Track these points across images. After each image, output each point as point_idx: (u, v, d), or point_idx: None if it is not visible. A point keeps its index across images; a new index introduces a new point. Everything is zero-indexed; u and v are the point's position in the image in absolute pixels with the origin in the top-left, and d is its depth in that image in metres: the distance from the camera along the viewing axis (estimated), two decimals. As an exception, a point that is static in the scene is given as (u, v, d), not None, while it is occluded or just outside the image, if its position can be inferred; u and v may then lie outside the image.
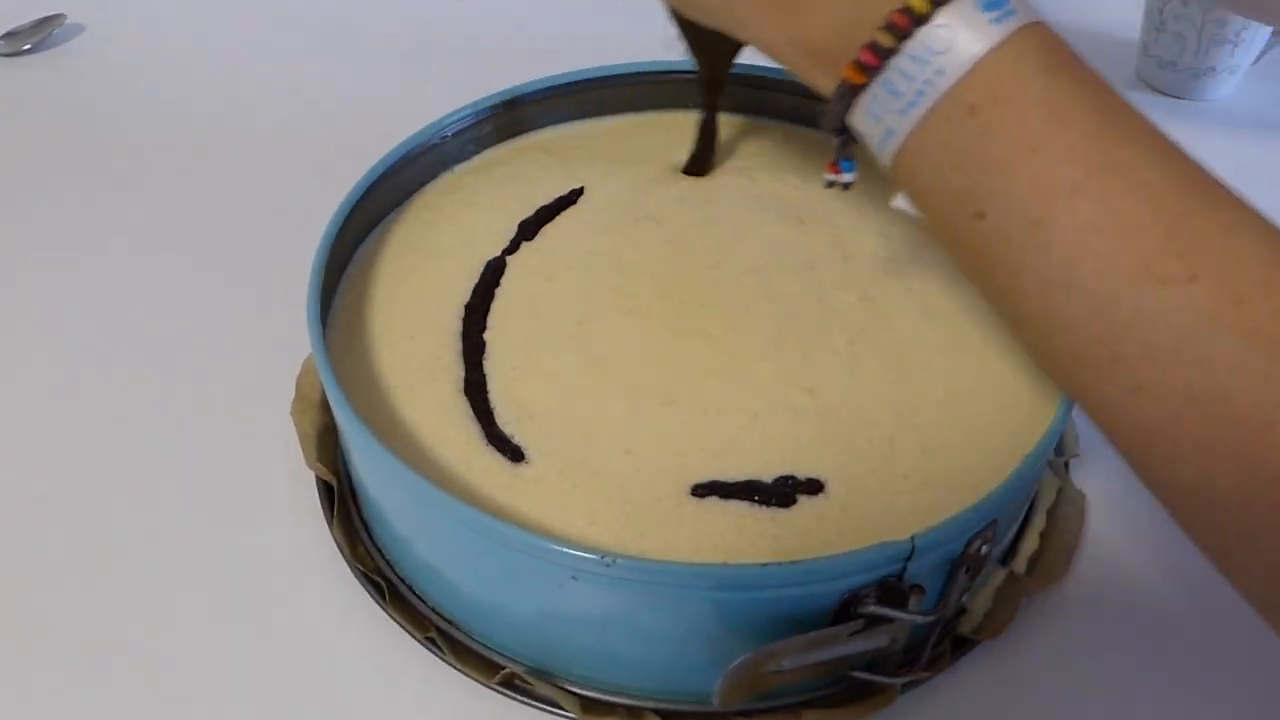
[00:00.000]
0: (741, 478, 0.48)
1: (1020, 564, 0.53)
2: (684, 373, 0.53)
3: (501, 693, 0.48)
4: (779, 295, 0.57)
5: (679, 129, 0.67)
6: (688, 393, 0.52)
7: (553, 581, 0.43)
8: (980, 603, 0.51)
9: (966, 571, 0.45)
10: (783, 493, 0.48)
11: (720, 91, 0.63)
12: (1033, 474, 0.46)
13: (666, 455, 0.49)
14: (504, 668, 0.48)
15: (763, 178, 0.65)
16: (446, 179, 0.65)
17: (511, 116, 0.67)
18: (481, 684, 0.48)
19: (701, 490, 0.48)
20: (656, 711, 0.47)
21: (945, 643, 0.49)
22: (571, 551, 0.41)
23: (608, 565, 0.41)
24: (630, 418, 0.51)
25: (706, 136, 0.65)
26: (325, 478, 0.55)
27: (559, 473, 0.48)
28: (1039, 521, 0.55)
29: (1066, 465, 0.58)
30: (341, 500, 0.55)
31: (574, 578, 0.42)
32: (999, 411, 0.52)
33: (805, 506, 0.47)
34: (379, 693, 0.49)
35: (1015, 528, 0.53)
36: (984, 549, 0.45)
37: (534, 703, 0.48)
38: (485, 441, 0.50)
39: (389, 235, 0.61)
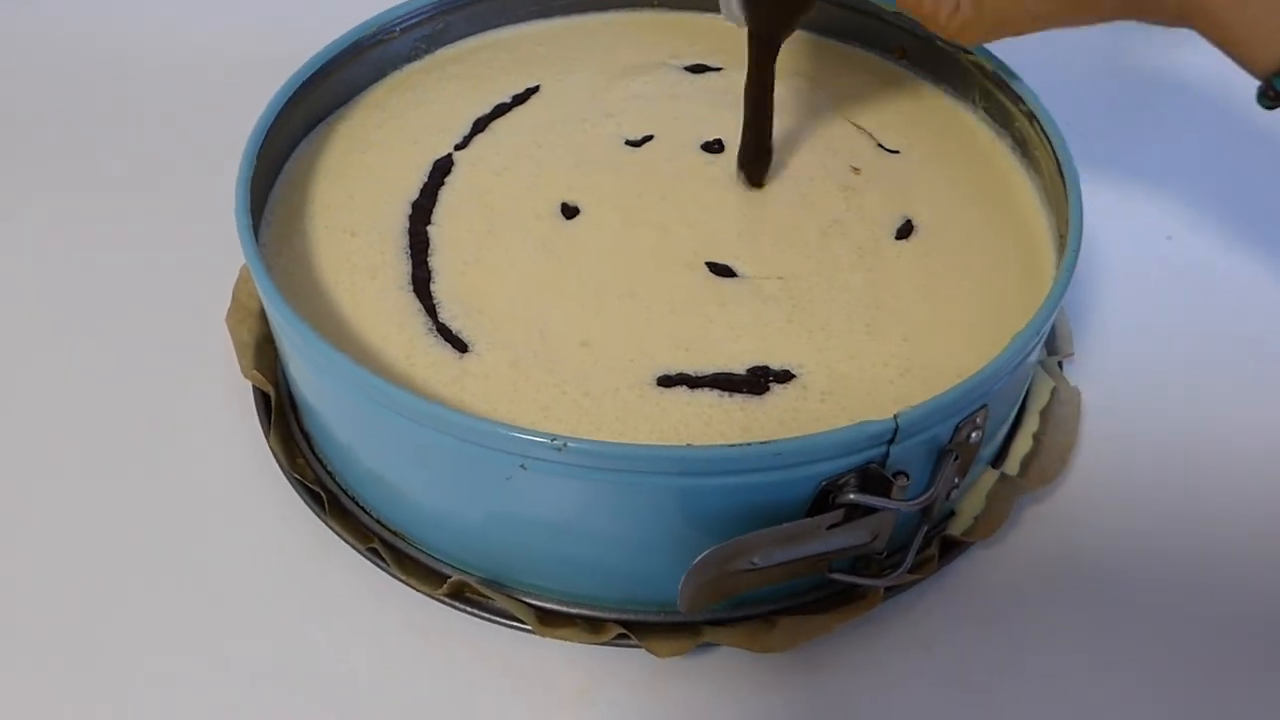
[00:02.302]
0: (710, 369, 0.44)
1: (1013, 465, 0.49)
2: (645, 264, 0.49)
3: (451, 605, 0.44)
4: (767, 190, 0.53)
5: (643, 29, 0.63)
6: (649, 284, 0.48)
7: (500, 474, 0.39)
8: (970, 504, 0.47)
9: (956, 459, 0.41)
10: (755, 382, 0.44)
11: (775, 54, 0.51)
12: (1023, 355, 0.42)
13: (626, 347, 0.45)
14: (453, 576, 0.44)
15: (734, 76, 0.60)
16: (396, 77, 0.60)
17: (466, 14, 0.62)
18: (429, 596, 0.44)
19: (667, 381, 0.44)
20: (620, 622, 0.43)
21: (933, 546, 0.46)
22: (519, 435, 0.37)
23: (558, 449, 0.37)
24: (587, 310, 0.47)
25: (760, 119, 0.52)
26: (263, 387, 0.51)
27: (510, 365, 0.44)
28: (1031, 423, 0.51)
29: (1060, 365, 0.54)
30: (280, 410, 0.50)
31: (523, 466, 0.38)
32: (987, 297, 0.48)
33: (779, 395, 0.44)
34: (320, 607, 0.45)
35: (1007, 428, 0.50)
36: (974, 436, 0.42)
37: (486, 615, 0.44)
38: (430, 335, 0.46)
39: (333, 134, 0.56)
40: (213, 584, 0.46)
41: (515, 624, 0.43)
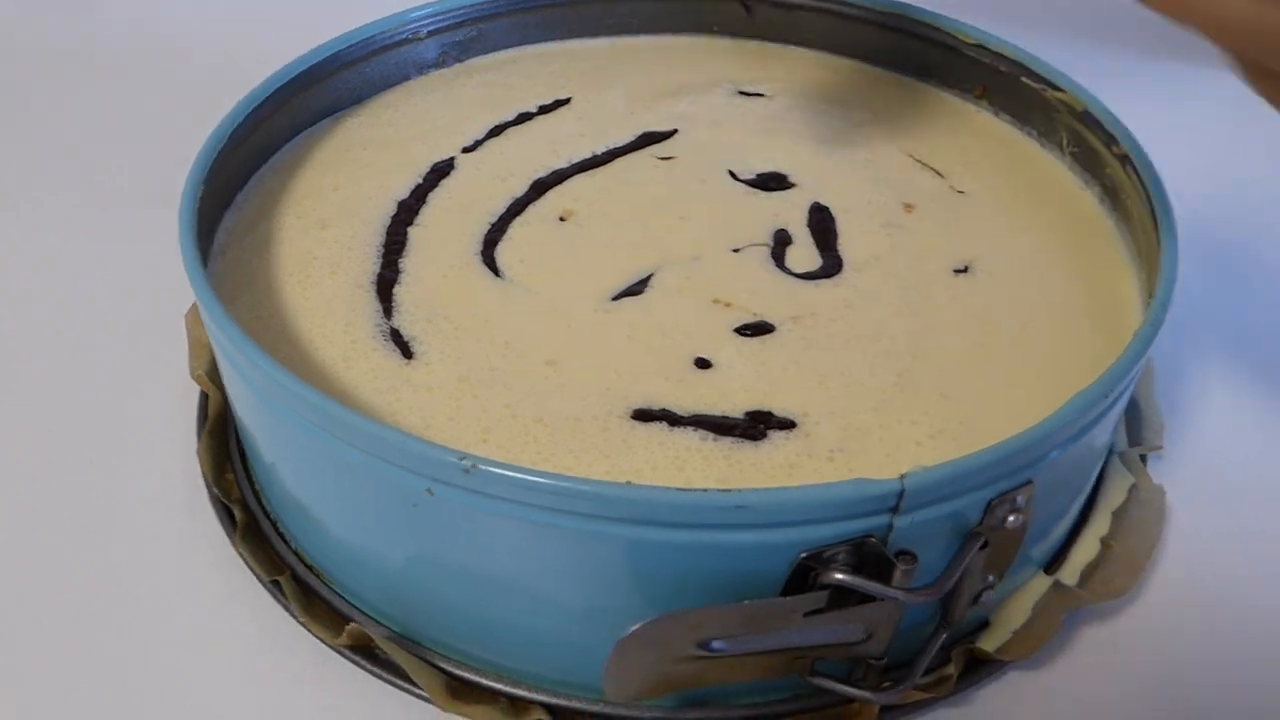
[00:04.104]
0: (699, 408, 0.37)
1: (1071, 573, 0.39)
2: (649, 285, 0.42)
3: (349, 658, 0.36)
4: (783, 214, 0.46)
5: (696, 53, 0.58)
6: (640, 305, 0.41)
7: (405, 499, 0.32)
8: (1010, 615, 0.38)
9: (985, 547, 0.32)
10: (751, 427, 0.36)
11: None
12: (1085, 420, 0.33)
13: (600, 371, 0.38)
14: (353, 623, 0.36)
15: (785, 99, 0.54)
16: (419, 80, 0.55)
17: (502, 24, 0.57)
18: (327, 645, 0.37)
19: (645, 415, 0.36)
20: (546, 706, 0.35)
21: (954, 661, 0.36)
22: (421, 450, 0.30)
23: (465, 471, 0.29)
24: (559, 326, 0.40)
25: None
26: (207, 389, 0.45)
27: (458, 379, 0.37)
28: (1100, 524, 0.41)
29: (1144, 460, 0.44)
30: (218, 418, 0.44)
31: (429, 491, 0.31)
32: (1052, 358, 0.39)
33: (778, 446, 0.35)
34: (206, 639, 0.38)
35: (1067, 525, 0.40)
36: (1012, 519, 0.33)
37: (387, 677, 0.36)
38: (377, 339, 0.39)
39: (338, 127, 0.51)
40: (101, 602, 0.39)
41: (417, 691, 0.35)
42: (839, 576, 0.30)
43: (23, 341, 0.50)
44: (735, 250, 0.44)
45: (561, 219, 0.46)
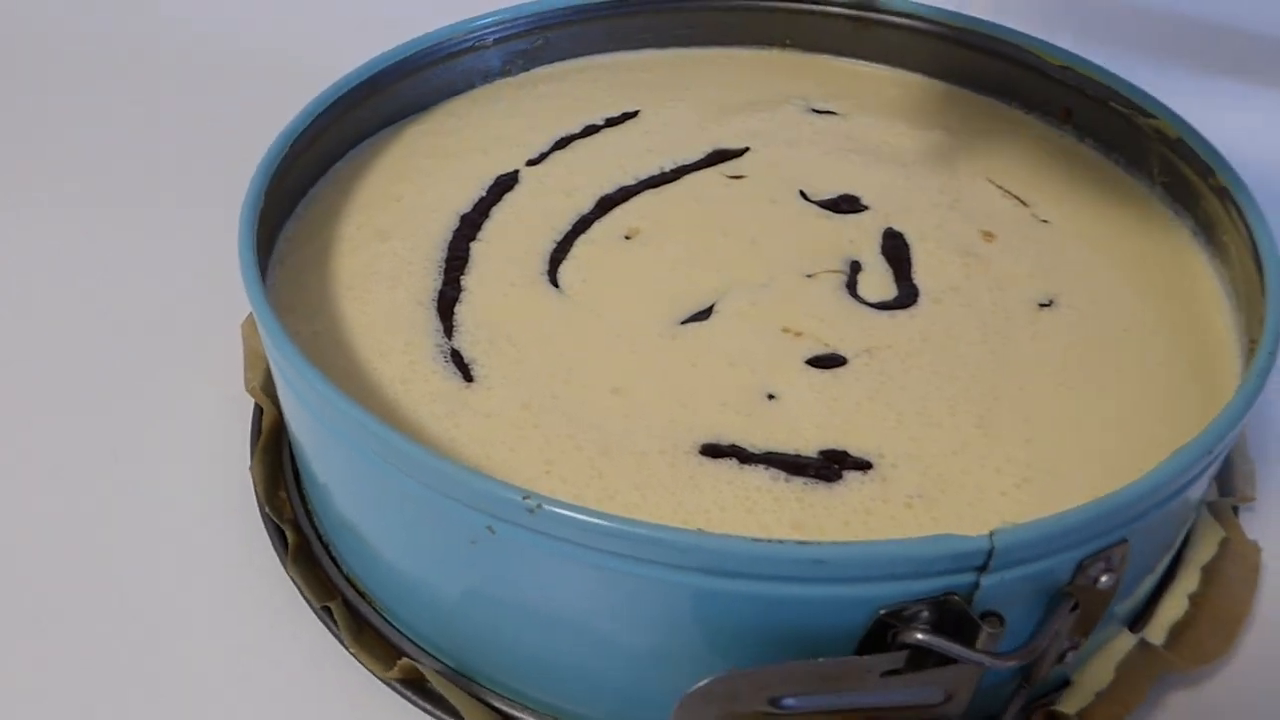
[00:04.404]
0: (770, 445, 0.35)
1: (1157, 632, 0.37)
2: (716, 310, 0.40)
3: (399, 692, 0.35)
4: (856, 239, 0.44)
5: (769, 66, 0.56)
6: (706, 331, 0.39)
7: (464, 534, 0.30)
8: (1093, 675, 0.36)
9: (1075, 609, 0.30)
10: (826, 467, 0.34)
11: None
12: (1186, 479, 0.31)
13: (667, 402, 0.36)
14: (406, 658, 0.35)
15: (860, 119, 0.52)
16: (484, 89, 0.54)
17: (568, 33, 0.56)
18: (378, 677, 0.35)
19: (715, 451, 0.35)
20: (602, 751, 0.33)
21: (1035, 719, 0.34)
22: (484, 487, 0.29)
23: (530, 511, 0.28)
24: (623, 351, 0.38)
25: None
26: (261, 403, 0.44)
27: (520, 406, 0.36)
28: (1189, 580, 0.39)
29: (1235, 511, 0.42)
30: (272, 434, 0.43)
31: (490, 529, 0.29)
32: (1144, 402, 0.37)
33: (853, 490, 0.34)
34: (252, 668, 0.37)
35: (1154, 581, 0.38)
36: (1104, 580, 0.31)
37: (437, 712, 0.35)
38: (437, 360, 0.38)
39: (401, 135, 0.50)
40: (145, 615, 0.38)
41: (471, 731, 0.34)
42: (920, 637, 0.28)
43: (72, 347, 0.49)
44: (807, 276, 0.42)
45: (627, 237, 0.44)
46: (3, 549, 0.41)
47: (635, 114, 0.52)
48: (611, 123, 0.51)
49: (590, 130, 0.51)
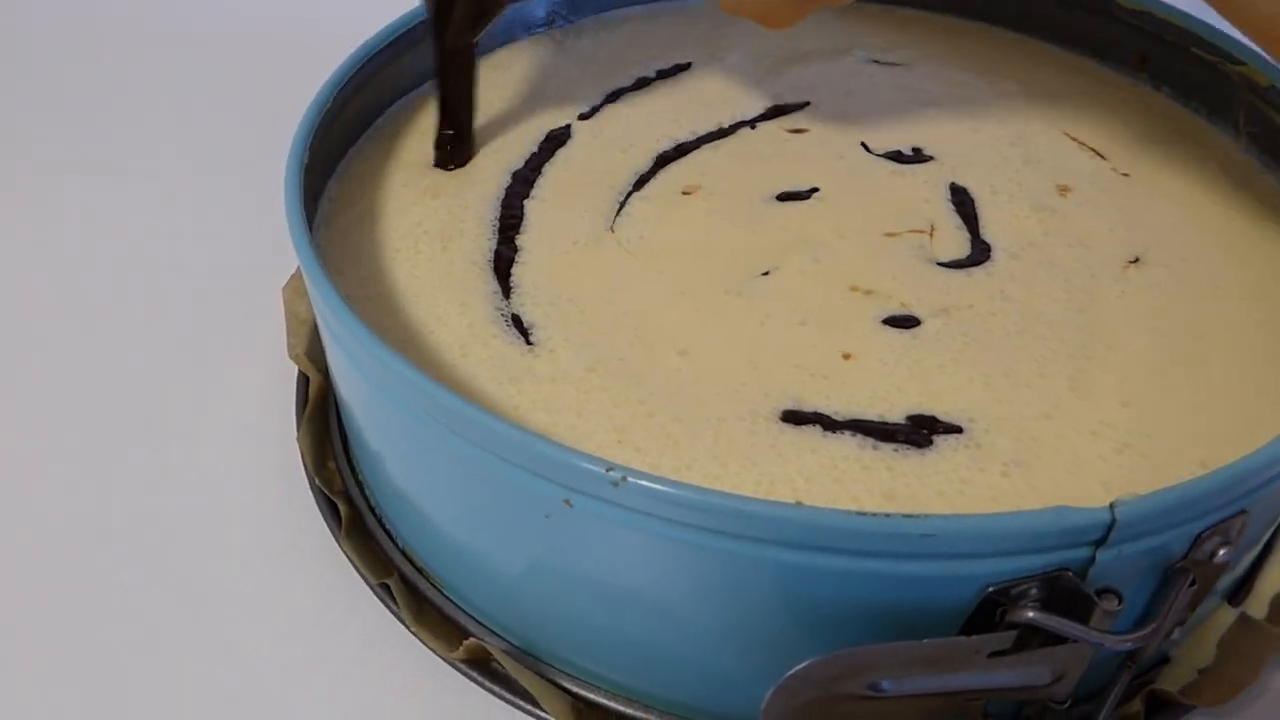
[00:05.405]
0: (854, 410, 0.33)
1: (1258, 605, 0.35)
2: (772, 265, 0.38)
3: (465, 674, 0.33)
4: (926, 195, 0.42)
5: (828, 16, 0.53)
6: (774, 287, 0.37)
7: (539, 508, 0.28)
8: (1193, 652, 0.34)
9: (1193, 585, 0.28)
10: (916, 433, 0.32)
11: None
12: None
13: (738, 364, 0.34)
14: (472, 638, 0.33)
15: (923, 68, 0.49)
16: (526, 41, 0.52)
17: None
18: (441, 658, 0.34)
19: (796, 418, 0.33)
20: (683, 735, 0.32)
21: (1136, 701, 0.32)
22: (563, 458, 0.27)
23: (614, 484, 0.26)
24: (687, 310, 0.36)
25: (455, 106, 0.42)
26: (308, 372, 0.42)
27: (586, 370, 0.34)
28: (1289, 547, 0.37)
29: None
30: (319, 403, 0.41)
31: (567, 503, 0.28)
32: (1246, 364, 0.35)
33: (945, 458, 0.32)
34: (308, 651, 0.35)
35: (1256, 551, 0.36)
36: (1221, 553, 0.29)
37: (509, 697, 0.33)
38: (497, 323, 0.36)
39: (441, 91, 0.48)
40: (196, 596, 0.37)
41: (541, 713, 0.32)
42: (1031, 615, 0.26)
43: (109, 320, 0.48)
44: (878, 233, 0.40)
45: (685, 193, 0.42)
46: (39, 528, 0.39)
47: (687, 66, 0.50)
48: (663, 75, 0.49)
49: (642, 83, 0.48)
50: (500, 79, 0.49)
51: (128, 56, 0.66)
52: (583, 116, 0.46)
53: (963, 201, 0.42)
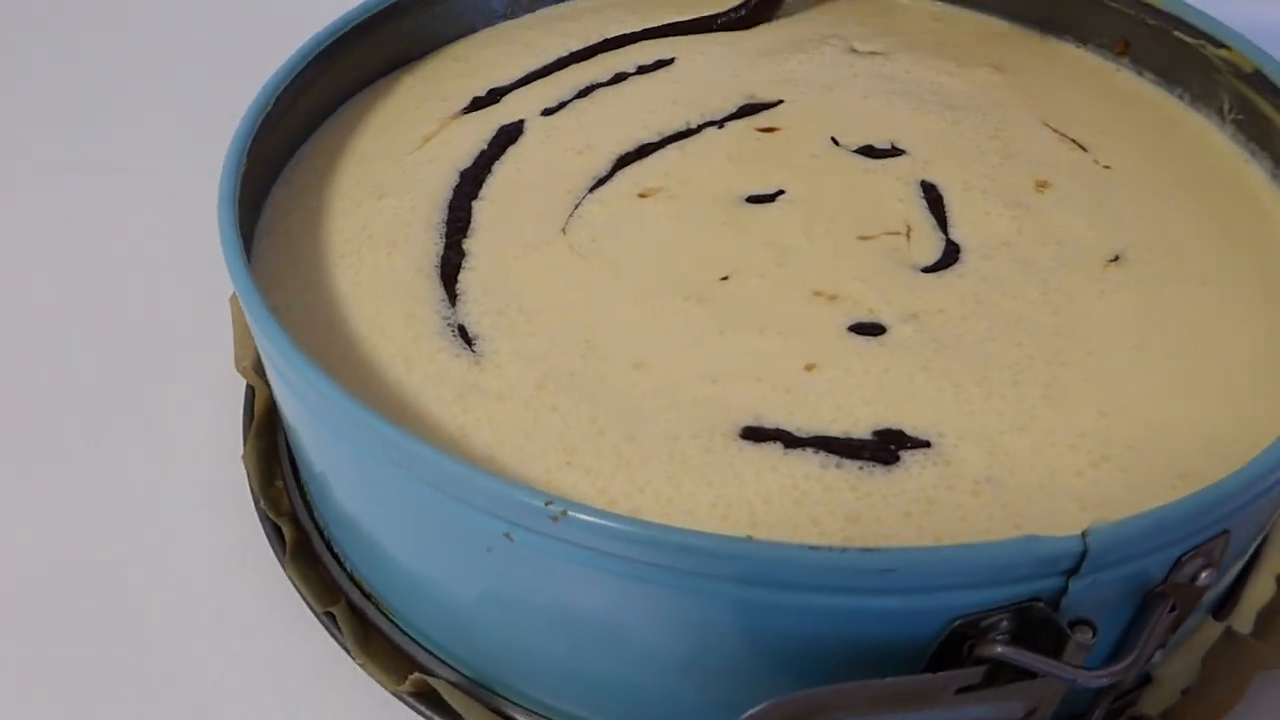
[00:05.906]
0: (817, 426, 0.31)
1: (1244, 619, 0.34)
2: (739, 271, 0.36)
3: (412, 706, 0.32)
4: (900, 195, 0.40)
5: (811, 4, 0.51)
6: (729, 296, 0.35)
7: (479, 541, 0.27)
8: (1176, 670, 0.32)
9: (1173, 610, 0.27)
10: (883, 448, 0.31)
11: None
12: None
13: (694, 376, 0.33)
14: (421, 670, 0.32)
15: (902, 59, 0.47)
16: (488, 33, 0.49)
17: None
18: (389, 690, 0.32)
19: (757, 434, 0.31)
20: (640, 773, 0.30)
21: (1116, 724, 0.31)
22: (501, 491, 0.25)
23: (554, 519, 0.24)
24: (643, 320, 0.34)
25: None
26: (254, 384, 0.40)
27: (535, 386, 0.32)
28: (1275, 558, 0.35)
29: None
30: (265, 417, 0.40)
31: (508, 536, 0.26)
32: (1231, 369, 0.33)
33: (913, 476, 0.30)
34: (248, 682, 0.33)
35: (1240, 564, 0.34)
36: (1204, 576, 0.27)
37: (455, 729, 0.31)
38: (443, 335, 0.34)
39: (397, 85, 0.46)
40: (132, 618, 0.35)
41: (493, 751, 0.31)
42: (1000, 650, 0.25)
43: (47, 327, 0.46)
44: (848, 236, 0.38)
45: (642, 196, 0.40)
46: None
47: (670, 61, 0.47)
48: (643, 70, 0.47)
49: (618, 78, 0.46)
50: (459, 69, 0.47)
51: (68, 43, 0.64)
52: (547, 112, 0.44)
53: (934, 199, 0.40)
